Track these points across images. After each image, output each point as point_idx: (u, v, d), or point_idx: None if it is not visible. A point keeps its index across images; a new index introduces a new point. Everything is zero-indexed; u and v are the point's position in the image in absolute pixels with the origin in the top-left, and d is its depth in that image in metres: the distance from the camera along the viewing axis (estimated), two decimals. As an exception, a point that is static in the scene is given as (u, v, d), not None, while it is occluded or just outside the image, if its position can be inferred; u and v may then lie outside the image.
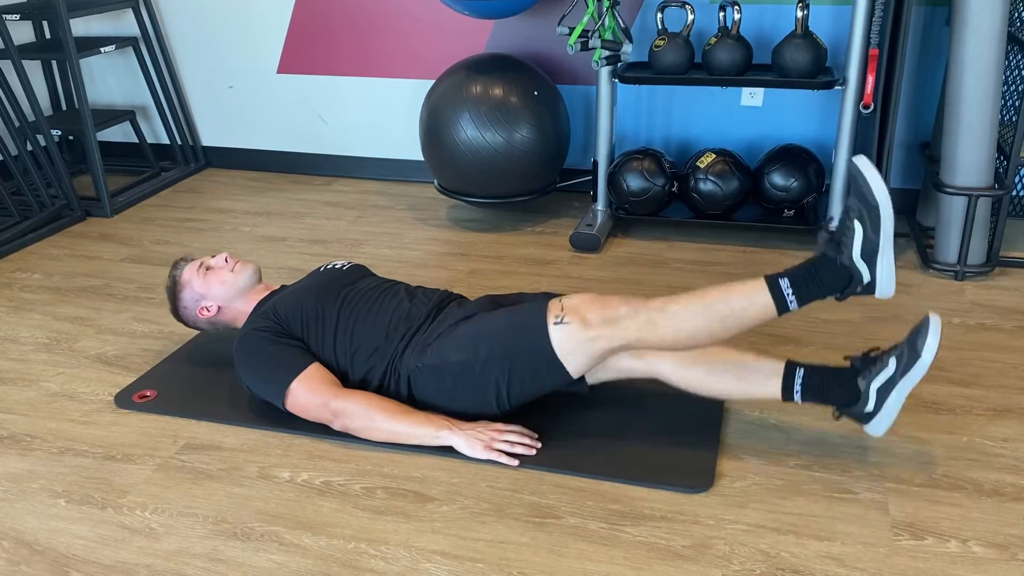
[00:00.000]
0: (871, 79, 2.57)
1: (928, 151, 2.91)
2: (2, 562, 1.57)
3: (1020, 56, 2.67)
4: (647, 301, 1.69)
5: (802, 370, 1.75)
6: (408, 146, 3.55)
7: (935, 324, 1.60)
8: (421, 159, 3.34)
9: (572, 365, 1.73)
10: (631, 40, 2.71)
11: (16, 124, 3.25)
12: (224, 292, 2.07)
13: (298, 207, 3.39)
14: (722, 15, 2.75)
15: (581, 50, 2.66)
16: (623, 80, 2.84)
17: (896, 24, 2.53)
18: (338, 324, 1.92)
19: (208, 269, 2.10)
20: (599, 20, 2.68)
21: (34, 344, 2.37)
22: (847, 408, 1.72)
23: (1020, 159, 2.45)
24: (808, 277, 1.61)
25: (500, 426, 1.82)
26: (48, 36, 3.69)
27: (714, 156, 2.84)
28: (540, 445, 1.81)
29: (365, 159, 3.68)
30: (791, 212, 2.85)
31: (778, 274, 1.63)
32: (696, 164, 2.85)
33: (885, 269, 1.58)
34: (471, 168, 2.93)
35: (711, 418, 1.89)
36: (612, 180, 2.93)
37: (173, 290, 2.11)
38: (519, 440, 1.80)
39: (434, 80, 3.12)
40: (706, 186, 2.82)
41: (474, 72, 2.94)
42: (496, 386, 1.79)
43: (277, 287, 2.13)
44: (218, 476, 1.79)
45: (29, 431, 1.97)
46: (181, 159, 3.83)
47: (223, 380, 2.10)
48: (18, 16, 3.32)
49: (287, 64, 3.61)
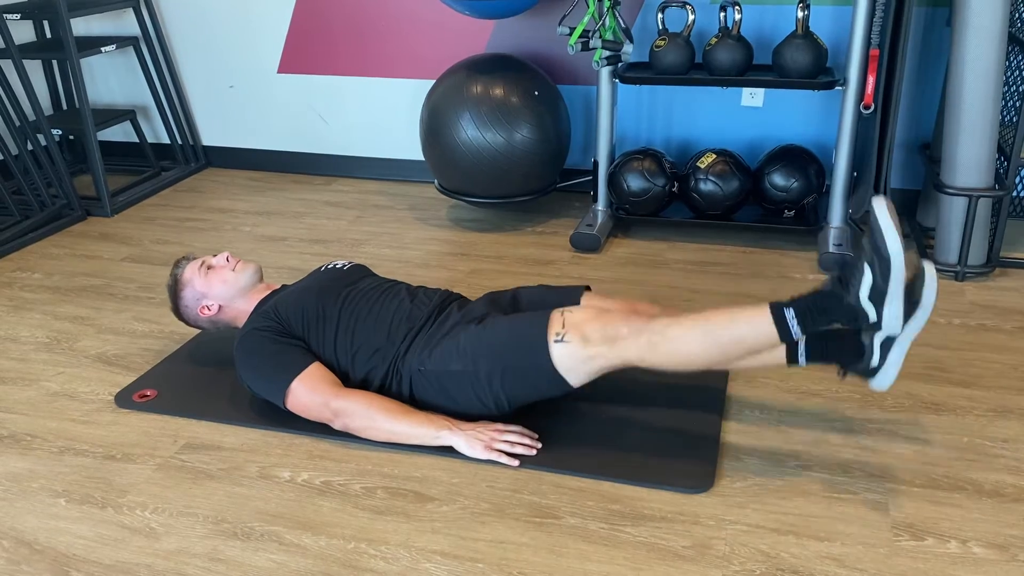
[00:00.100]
0: (872, 79, 2.56)
1: (928, 152, 2.90)
2: (2, 561, 1.57)
3: (1021, 57, 2.67)
4: (649, 322, 1.68)
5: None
6: (409, 146, 3.55)
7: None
8: (422, 159, 3.34)
9: (573, 380, 1.73)
10: (632, 40, 2.71)
11: (17, 123, 3.26)
12: (225, 291, 2.07)
13: (298, 207, 3.39)
14: (723, 15, 2.75)
15: (582, 50, 2.66)
16: (624, 80, 2.84)
17: (897, 25, 2.53)
18: (339, 324, 1.92)
19: (210, 268, 2.10)
20: (600, 20, 2.68)
21: (34, 343, 2.37)
22: (852, 366, 1.67)
23: (1020, 160, 2.45)
24: (814, 308, 1.58)
25: (500, 426, 1.82)
26: (49, 36, 3.69)
27: (714, 156, 2.84)
28: (540, 445, 1.81)
29: (365, 159, 3.68)
30: (791, 212, 2.85)
31: (783, 303, 1.60)
32: (696, 164, 2.85)
33: (892, 313, 1.54)
34: (472, 168, 2.93)
35: (711, 418, 1.89)
36: (612, 180, 2.93)
37: (174, 289, 2.11)
38: (519, 440, 1.80)
39: (435, 80, 3.11)
40: (706, 186, 2.82)
41: (475, 72, 2.94)
42: (496, 396, 1.79)
43: (278, 287, 2.13)
44: (218, 476, 1.79)
45: (29, 430, 1.97)
46: (181, 159, 3.83)
47: (223, 380, 2.10)
48: (19, 15, 3.32)
49: (288, 64, 3.61)
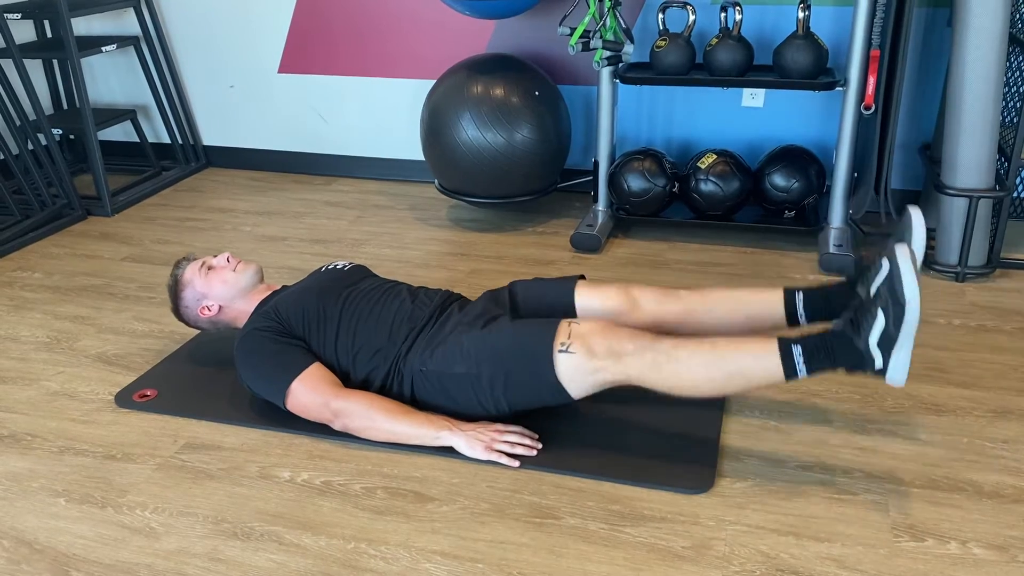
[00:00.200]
0: (872, 80, 2.56)
1: (929, 152, 2.90)
2: (2, 561, 1.57)
3: (1021, 57, 2.67)
4: (656, 340, 1.68)
5: (801, 293, 1.81)
6: (409, 146, 3.55)
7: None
8: (422, 159, 3.34)
9: (574, 391, 1.73)
10: (632, 41, 2.71)
11: (17, 123, 3.26)
12: (226, 292, 2.07)
13: (299, 207, 3.39)
14: (723, 16, 2.75)
15: (582, 50, 2.66)
16: (624, 80, 2.84)
17: (897, 25, 2.53)
18: (340, 324, 1.92)
19: (210, 269, 2.10)
20: (600, 20, 2.67)
21: (34, 343, 2.37)
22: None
23: (1021, 160, 2.45)
24: (822, 349, 1.59)
25: (500, 427, 1.82)
26: (49, 35, 3.69)
27: (715, 157, 2.84)
28: (540, 446, 1.81)
29: (366, 159, 3.68)
30: (792, 213, 2.85)
31: (791, 339, 1.61)
32: (697, 165, 2.85)
33: (899, 362, 1.53)
34: (472, 168, 2.93)
35: (711, 419, 1.89)
36: (613, 180, 2.93)
37: (175, 289, 2.11)
38: (519, 441, 1.80)
39: (435, 80, 3.11)
40: (707, 187, 2.82)
41: (475, 72, 2.94)
42: (496, 401, 1.79)
43: (278, 287, 2.13)
44: (218, 476, 1.79)
45: (29, 430, 1.97)
46: (182, 158, 3.83)
47: (223, 379, 2.10)
48: (20, 15, 3.32)
49: (288, 64, 3.61)
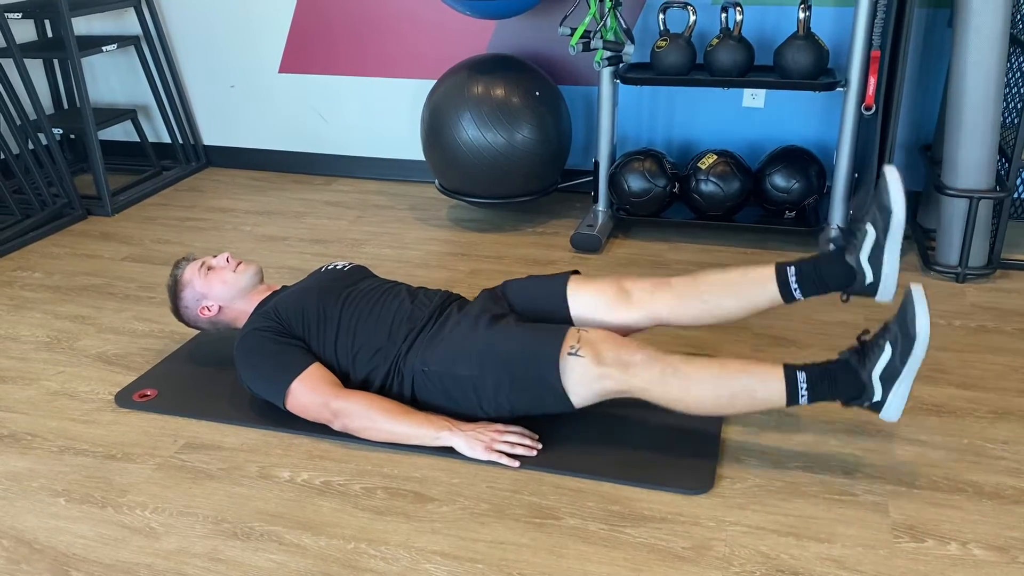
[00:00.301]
0: (873, 81, 2.56)
1: (930, 153, 2.90)
2: (2, 561, 1.57)
3: (1022, 58, 2.67)
4: (665, 354, 1.69)
5: (792, 267, 1.79)
6: (409, 146, 3.55)
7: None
8: (422, 159, 3.34)
9: (576, 397, 1.72)
10: (633, 41, 2.71)
11: (18, 122, 3.25)
12: (226, 292, 2.07)
13: (299, 207, 3.39)
14: (724, 16, 2.75)
15: (583, 51, 2.66)
16: (625, 81, 2.84)
17: (898, 26, 2.53)
18: (340, 324, 1.92)
19: (210, 269, 2.10)
20: (601, 21, 2.68)
21: (35, 343, 2.37)
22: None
23: (1021, 161, 2.45)
24: (826, 379, 1.62)
25: (500, 427, 1.82)
26: (50, 35, 3.69)
27: (715, 157, 2.84)
28: (540, 446, 1.81)
29: (366, 159, 3.68)
30: (792, 214, 2.85)
31: (796, 365, 1.64)
32: (697, 165, 2.85)
33: (898, 396, 1.58)
34: (472, 168, 2.93)
35: (711, 419, 1.89)
36: (613, 181, 2.93)
37: (174, 289, 2.11)
38: (520, 441, 1.80)
39: (436, 80, 3.12)
40: (707, 187, 2.82)
41: (476, 72, 2.94)
42: (498, 404, 1.79)
43: (278, 287, 2.13)
44: (218, 476, 1.79)
45: (29, 430, 1.97)
46: (182, 158, 3.83)
47: (223, 379, 2.10)
48: (20, 15, 3.32)
49: (288, 64, 3.61)
